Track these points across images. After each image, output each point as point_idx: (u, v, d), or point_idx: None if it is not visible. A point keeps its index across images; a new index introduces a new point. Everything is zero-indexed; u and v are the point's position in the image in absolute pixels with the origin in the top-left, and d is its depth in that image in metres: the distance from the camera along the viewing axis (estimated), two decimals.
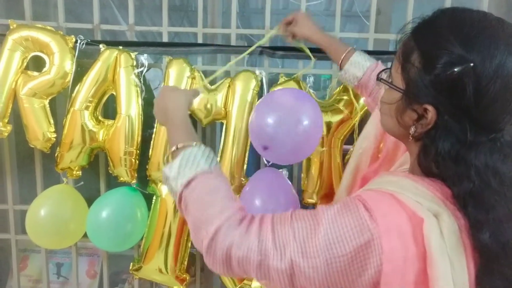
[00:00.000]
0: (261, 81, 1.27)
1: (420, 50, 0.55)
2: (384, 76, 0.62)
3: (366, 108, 1.19)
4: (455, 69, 0.50)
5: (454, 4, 1.36)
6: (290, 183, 1.20)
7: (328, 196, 1.29)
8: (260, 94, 1.26)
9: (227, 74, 1.39)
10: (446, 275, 0.50)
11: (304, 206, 1.28)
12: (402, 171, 0.69)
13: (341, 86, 1.28)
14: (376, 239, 0.52)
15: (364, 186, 0.68)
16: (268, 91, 1.29)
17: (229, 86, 1.26)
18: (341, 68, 1.03)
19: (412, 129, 0.57)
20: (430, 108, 0.53)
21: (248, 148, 1.26)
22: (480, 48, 0.51)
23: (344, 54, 1.00)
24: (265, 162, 1.24)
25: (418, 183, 0.57)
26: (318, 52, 1.21)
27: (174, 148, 0.69)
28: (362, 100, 1.18)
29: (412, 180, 0.58)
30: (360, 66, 0.98)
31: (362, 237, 0.52)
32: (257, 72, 1.27)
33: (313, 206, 1.34)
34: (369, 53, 1.33)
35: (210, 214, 0.60)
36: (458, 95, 0.51)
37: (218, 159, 1.27)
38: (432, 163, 0.56)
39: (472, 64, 0.49)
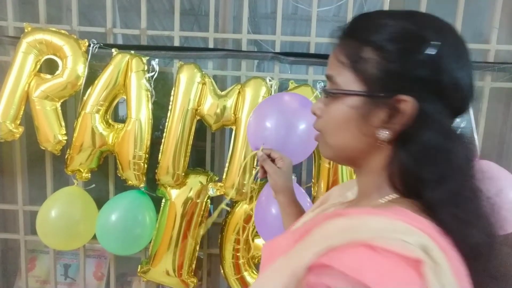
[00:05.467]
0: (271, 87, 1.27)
1: (371, 42, 0.49)
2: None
3: None
4: (424, 50, 0.46)
5: (466, 5, 1.35)
6: (304, 191, 1.20)
7: None
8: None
9: (237, 80, 1.39)
10: None
11: None
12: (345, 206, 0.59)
13: None
14: None
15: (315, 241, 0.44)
16: None
17: (239, 92, 1.27)
18: None
19: (382, 132, 0.49)
20: (405, 97, 0.46)
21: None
22: (434, 28, 0.48)
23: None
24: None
25: (390, 217, 0.43)
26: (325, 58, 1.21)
27: None
28: None
29: (379, 215, 0.44)
30: None
31: None
32: (268, 80, 1.27)
33: None
34: None
35: None
36: (432, 74, 0.46)
37: (227, 164, 1.28)
38: (406, 169, 0.48)
39: (439, 43, 0.45)
